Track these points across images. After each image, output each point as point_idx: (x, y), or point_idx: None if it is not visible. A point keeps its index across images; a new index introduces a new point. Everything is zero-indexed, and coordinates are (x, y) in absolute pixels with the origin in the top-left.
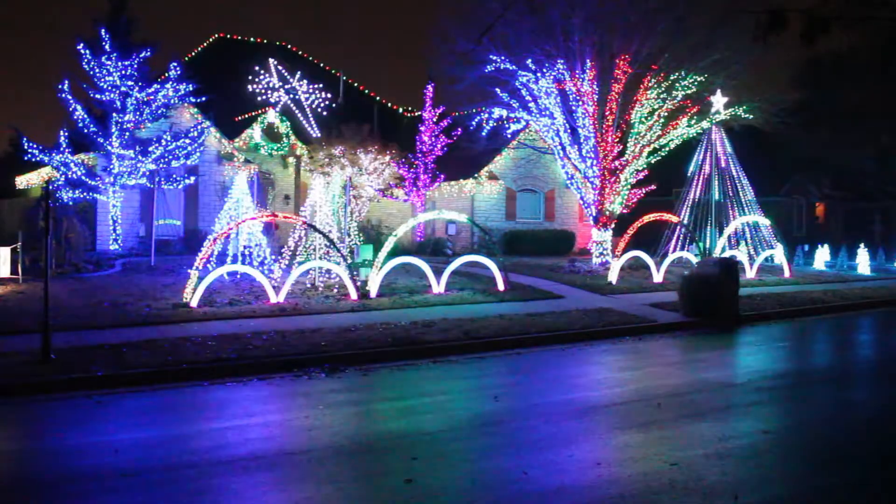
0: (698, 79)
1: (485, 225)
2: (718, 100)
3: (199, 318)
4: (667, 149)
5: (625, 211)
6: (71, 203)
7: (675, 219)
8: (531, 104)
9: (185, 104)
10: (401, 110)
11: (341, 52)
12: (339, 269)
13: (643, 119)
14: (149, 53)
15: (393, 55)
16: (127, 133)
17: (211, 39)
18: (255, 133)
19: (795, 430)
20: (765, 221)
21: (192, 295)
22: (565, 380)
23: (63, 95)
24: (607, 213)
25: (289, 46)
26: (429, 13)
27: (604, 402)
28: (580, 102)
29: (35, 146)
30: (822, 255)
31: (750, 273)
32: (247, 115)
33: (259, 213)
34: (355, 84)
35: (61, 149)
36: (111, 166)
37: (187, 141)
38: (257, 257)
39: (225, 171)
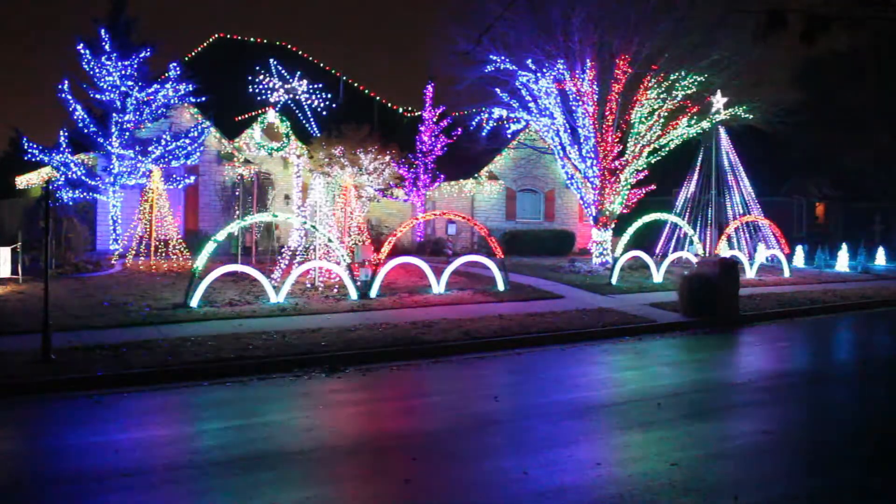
0: (698, 79)
1: (484, 226)
2: (718, 100)
3: (198, 318)
4: (667, 149)
5: (625, 211)
6: (71, 203)
7: (675, 219)
8: (531, 104)
9: (185, 104)
10: (401, 110)
11: (341, 52)
12: (339, 269)
13: (643, 119)
14: (148, 53)
15: (393, 55)
16: (127, 133)
17: (211, 39)
18: (255, 133)
19: (796, 430)
20: (765, 221)
21: (192, 295)
22: (565, 380)
23: (63, 95)
24: (607, 213)
25: (289, 46)
26: (429, 13)
27: (604, 402)
28: (580, 102)
29: (35, 146)
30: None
31: (750, 273)
32: (247, 115)
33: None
34: (355, 84)
35: (61, 149)
36: (111, 166)
37: (187, 141)
38: (257, 257)
39: (225, 171)
